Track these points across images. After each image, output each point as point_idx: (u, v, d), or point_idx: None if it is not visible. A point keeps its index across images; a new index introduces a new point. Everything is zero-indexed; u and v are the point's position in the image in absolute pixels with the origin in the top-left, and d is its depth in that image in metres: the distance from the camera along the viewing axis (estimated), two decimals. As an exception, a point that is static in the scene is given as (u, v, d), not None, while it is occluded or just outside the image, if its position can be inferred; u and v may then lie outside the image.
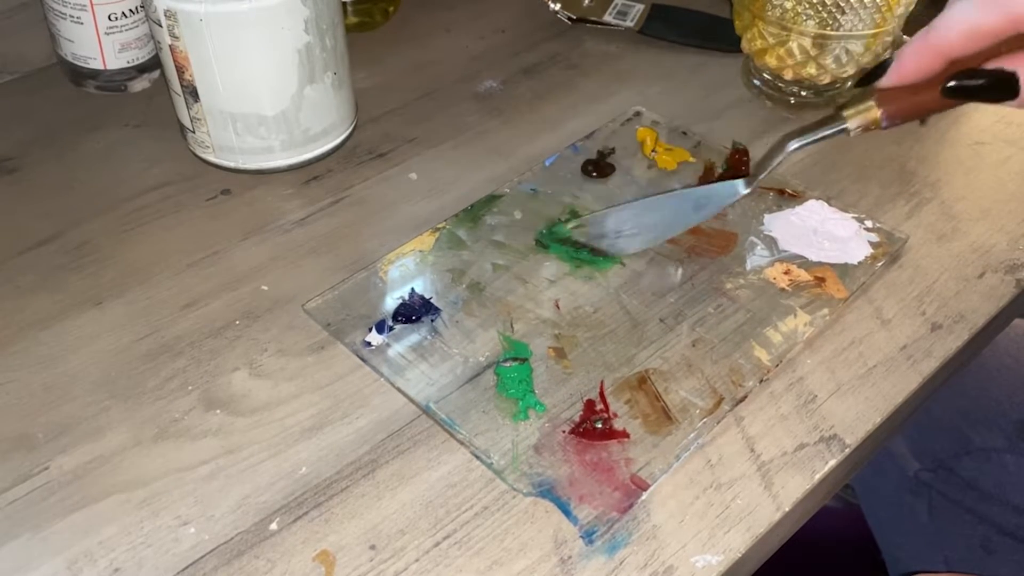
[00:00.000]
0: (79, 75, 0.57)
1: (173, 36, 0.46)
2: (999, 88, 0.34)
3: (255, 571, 0.34)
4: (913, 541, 0.58)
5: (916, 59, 0.36)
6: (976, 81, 0.35)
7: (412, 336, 0.42)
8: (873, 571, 0.33)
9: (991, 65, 0.34)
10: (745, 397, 0.39)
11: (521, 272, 0.45)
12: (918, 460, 0.59)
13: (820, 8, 0.50)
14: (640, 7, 0.63)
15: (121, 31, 0.55)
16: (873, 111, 0.37)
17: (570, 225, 0.46)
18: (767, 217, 0.48)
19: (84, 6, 0.53)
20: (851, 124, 0.38)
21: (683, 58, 0.60)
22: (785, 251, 0.46)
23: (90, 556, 0.34)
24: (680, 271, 0.45)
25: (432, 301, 0.43)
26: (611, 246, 0.45)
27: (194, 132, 0.50)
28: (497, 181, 0.50)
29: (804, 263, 0.45)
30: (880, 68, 0.37)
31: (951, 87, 0.35)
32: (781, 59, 0.53)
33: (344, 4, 0.58)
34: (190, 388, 0.40)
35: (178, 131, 0.52)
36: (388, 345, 0.41)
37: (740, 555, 0.34)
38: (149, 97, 0.57)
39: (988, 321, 0.43)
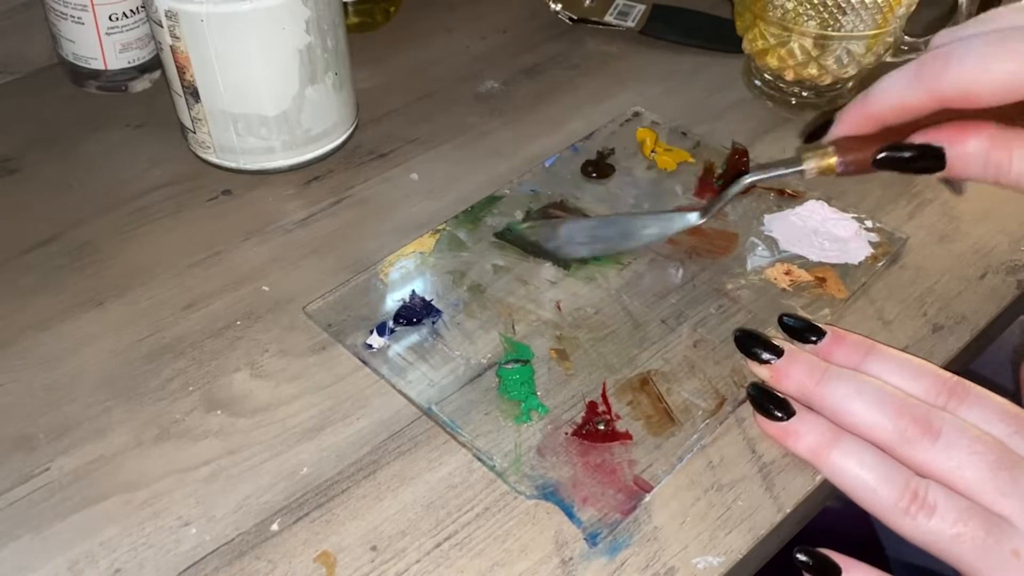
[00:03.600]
0: (80, 75, 0.57)
1: (174, 36, 0.46)
2: (927, 160, 0.35)
3: (256, 572, 0.34)
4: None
5: (854, 123, 0.37)
6: (904, 154, 0.36)
7: (413, 338, 0.42)
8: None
9: (919, 139, 0.35)
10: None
11: (522, 273, 0.45)
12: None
13: (821, 9, 0.50)
14: (641, 8, 0.63)
15: (122, 31, 0.55)
16: (829, 157, 0.38)
17: (525, 224, 0.47)
18: (767, 217, 0.48)
19: (85, 6, 0.53)
20: (807, 166, 0.39)
21: (684, 59, 0.60)
22: (786, 251, 0.46)
23: (91, 557, 0.34)
24: (681, 272, 0.45)
25: (433, 303, 0.43)
26: (557, 250, 0.45)
27: (195, 132, 0.50)
28: (498, 182, 0.50)
29: (805, 263, 0.45)
30: (823, 127, 0.39)
31: (880, 159, 0.37)
32: (782, 60, 0.53)
33: (345, 4, 0.58)
34: (191, 389, 0.40)
35: (179, 131, 0.52)
36: (389, 347, 0.41)
37: (741, 556, 0.34)
38: (150, 97, 0.57)
39: (990, 322, 0.43)
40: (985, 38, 0.32)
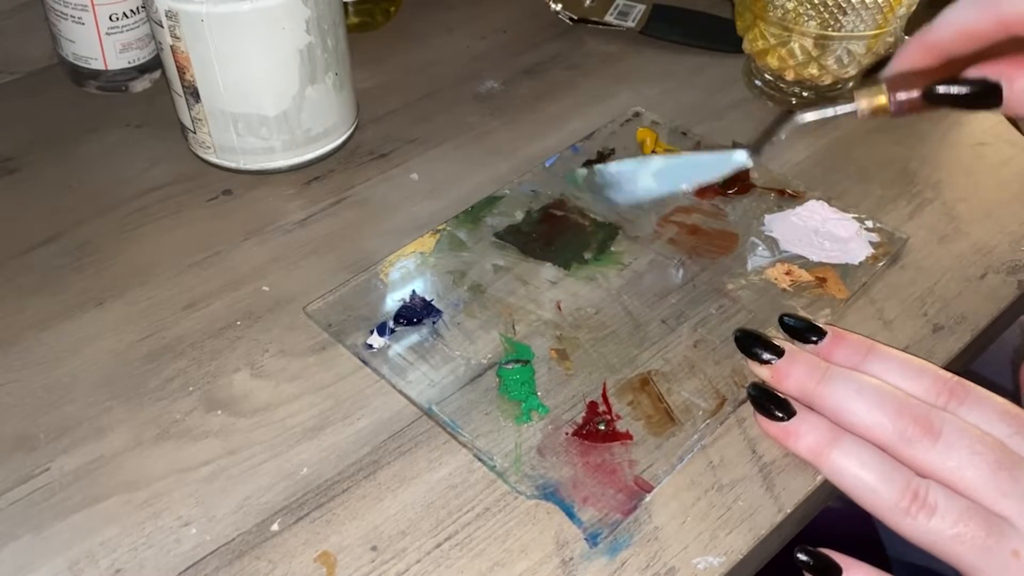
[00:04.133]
0: (80, 75, 0.57)
1: (174, 36, 0.46)
2: (984, 96, 0.34)
3: (256, 572, 0.34)
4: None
5: (914, 57, 0.37)
6: (961, 89, 0.34)
7: (413, 338, 0.42)
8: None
9: (976, 73, 0.34)
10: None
11: (522, 273, 0.45)
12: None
13: (822, 9, 0.50)
14: (641, 8, 0.63)
15: (122, 31, 0.55)
16: (882, 95, 0.37)
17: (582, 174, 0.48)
18: (768, 218, 0.48)
19: (85, 6, 0.53)
20: (861, 104, 0.37)
21: (684, 59, 0.60)
22: (786, 252, 0.46)
23: (91, 557, 0.34)
24: (681, 272, 0.45)
25: (433, 303, 0.43)
26: (610, 195, 0.45)
27: (195, 132, 0.50)
28: (498, 182, 0.50)
29: (805, 263, 0.45)
30: (881, 64, 0.39)
31: (936, 93, 0.35)
32: (783, 60, 0.53)
33: (345, 4, 0.58)
34: (191, 389, 0.40)
35: (179, 131, 0.52)
36: (389, 347, 0.41)
37: (742, 556, 0.34)
38: (150, 97, 0.57)
39: (990, 322, 0.43)
40: None
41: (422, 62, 0.61)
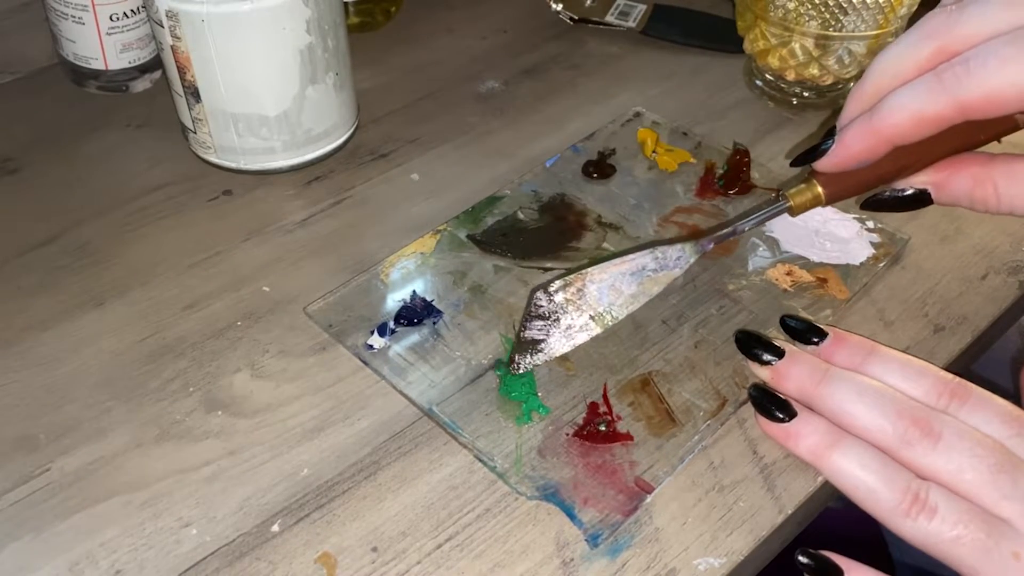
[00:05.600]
0: (80, 75, 0.57)
1: (175, 37, 0.46)
2: (914, 204, 0.38)
3: (257, 573, 0.34)
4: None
5: (860, 144, 0.35)
6: (891, 198, 0.38)
7: (414, 338, 0.42)
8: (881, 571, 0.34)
9: (901, 184, 0.37)
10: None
11: (523, 274, 0.45)
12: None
13: (823, 9, 0.50)
14: (642, 8, 0.63)
15: (123, 31, 0.55)
16: (815, 189, 0.38)
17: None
18: (769, 218, 0.47)
19: (85, 6, 0.53)
20: (794, 203, 0.39)
21: (685, 59, 0.60)
22: (787, 252, 0.46)
23: (92, 558, 0.34)
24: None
25: (434, 303, 0.43)
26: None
27: (196, 133, 0.50)
28: (499, 182, 0.50)
29: (806, 264, 0.45)
30: (817, 148, 0.37)
31: (872, 202, 0.38)
32: (783, 60, 0.53)
33: (346, 4, 0.58)
34: (192, 389, 0.40)
35: (180, 132, 0.52)
36: (390, 347, 0.41)
37: (743, 558, 0.34)
38: (151, 97, 0.57)
39: (991, 323, 0.43)
40: (1007, 38, 0.32)
41: (422, 62, 0.61)
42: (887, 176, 0.37)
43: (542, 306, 0.39)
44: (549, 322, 0.39)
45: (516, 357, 0.39)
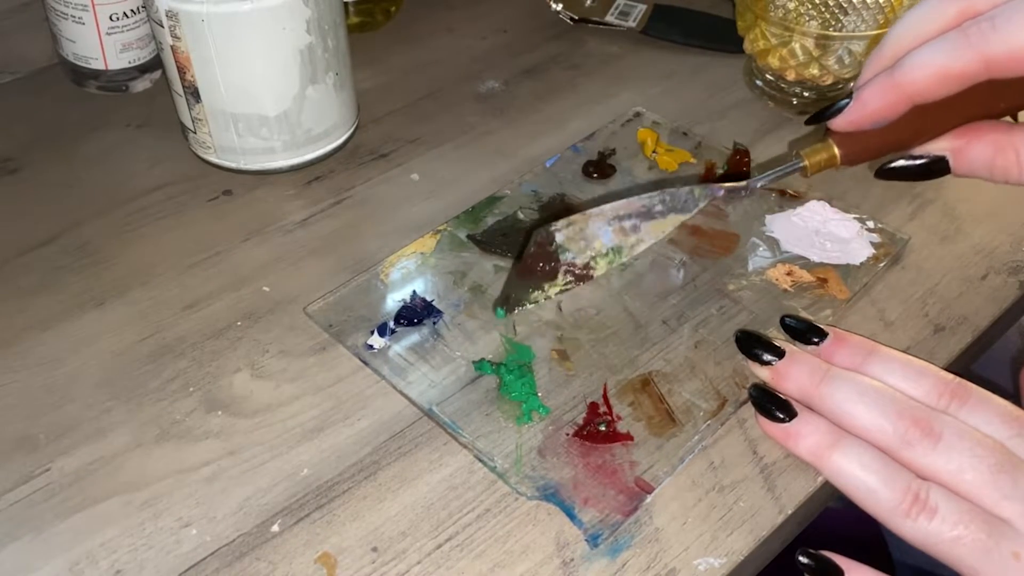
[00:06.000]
0: (80, 75, 0.57)
1: (175, 36, 0.46)
2: (932, 170, 0.36)
3: (256, 573, 0.34)
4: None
5: (880, 100, 0.35)
6: (909, 165, 0.36)
7: (414, 338, 0.42)
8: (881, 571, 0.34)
9: (919, 151, 0.36)
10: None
11: (523, 273, 0.45)
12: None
13: (823, 9, 0.50)
14: (642, 7, 0.63)
15: (122, 31, 0.55)
16: (831, 149, 0.37)
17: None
18: (768, 218, 0.47)
19: (85, 6, 0.53)
20: (808, 162, 0.37)
21: (685, 59, 0.60)
22: (787, 252, 0.46)
23: (92, 558, 0.34)
24: (682, 273, 0.45)
25: (434, 303, 0.43)
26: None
27: (195, 133, 0.50)
28: (499, 182, 0.50)
29: (806, 264, 0.45)
30: (833, 106, 0.36)
31: (887, 169, 0.37)
32: (784, 60, 0.53)
33: (346, 4, 0.58)
34: (192, 389, 0.40)
35: (180, 131, 0.52)
36: (390, 347, 0.41)
37: (743, 558, 0.34)
38: (151, 97, 0.57)
39: (991, 323, 0.43)
40: None
41: (422, 62, 0.61)
42: (904, 140, 0.36)
43: (542, 243, 0.37)
44: (548, 261, 0.37)
45: (511, 294, 0.37)
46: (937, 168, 0.36)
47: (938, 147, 0.36)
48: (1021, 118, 0.36)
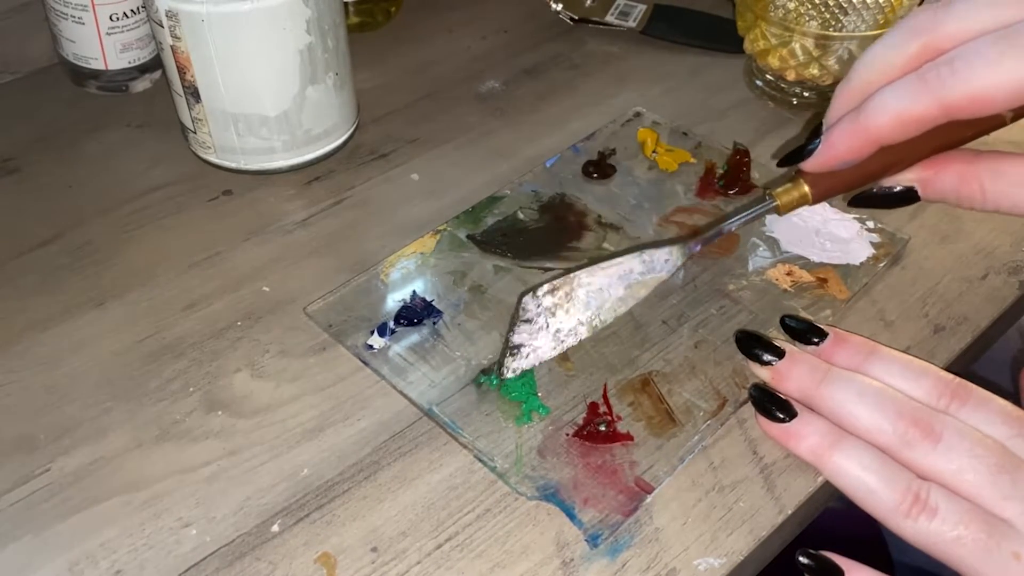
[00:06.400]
0: (80, 75, 0.57)
1: (175, 37, 0.46)
2: (901, 201, 0.37)
3: (256, 573, 0.34)
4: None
5: (847, 144, 0.35)
6: (880, 198, 0.38)
7: (414, 338, 0.42)
8: (881, 571, 0.34)
9: (888, 182, 0.37)
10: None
11: (523, 274, 0.45)
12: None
13: (823, 9, 0.50)
14: (642, 8, 0.63)
15: (122, 31, 0.55)
16: (802, 188, 0.38)
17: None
18: (768, 218, 0.47)
19: (85, 6, 0.53)
20: (780, 202, 0.38)
21: (685, 59, 0.60)
22: (787, 252, 0.46)
23: (92, 558, 0.34)
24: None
25: (434, 303, 0.43)
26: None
27: (195, 133, 0.50)
28: (499, 182, 0.50)
29: (806, 264, 0.45)
30: (803, 149, 0.37)
31: (860, 199, 0.38)
32: (784, 60, 0.53)
33: (346, 4, 0.58)
34: (191, 389, 0.40)
35: (179, 132, 0.52)
36: (390, 347, 0.41)
37: (743, 558, 0.34)
38: (151, 97, 0.57)
39: (991, 323, 0.43)
40: (991, 38, 0.32)
41: (423, 62, 0.61)
42: (874, 174, 0.37)
43: (529, 310, 0.39)
44: (537, 326, 0.39)
45: (504, 361, 0.39)
46: (907, 197, 0.37)
47: (907, 178, 0.37)
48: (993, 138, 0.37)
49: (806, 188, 0.38)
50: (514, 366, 0.39)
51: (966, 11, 0.33)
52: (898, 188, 0.37)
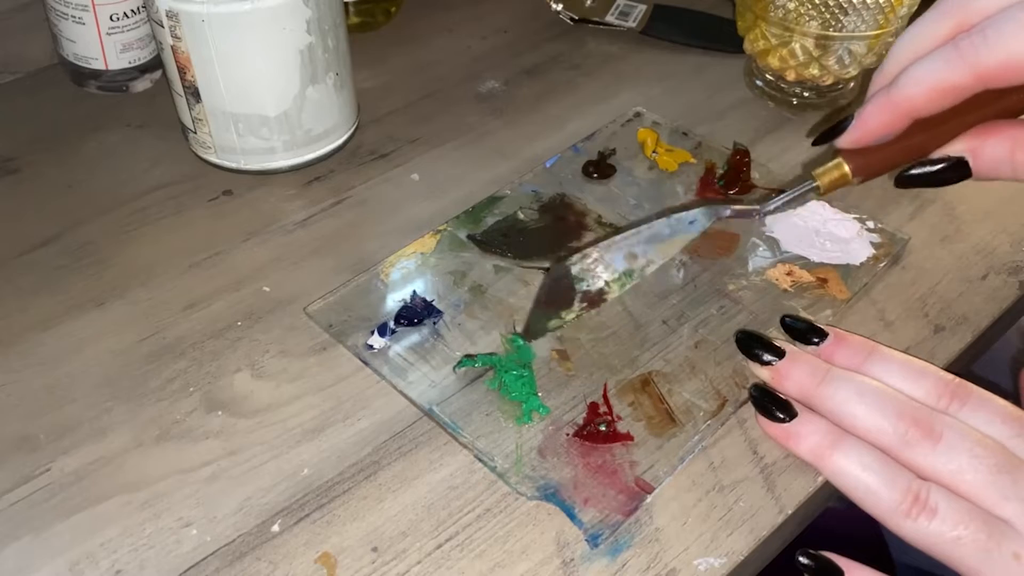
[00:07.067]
0: (81, 75, 0.57)
1: (175, 37, 0.46)
2: (952, 175, 0.35)
3: (257, 573, 0.34)
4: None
5: (879, 118, 0.35)
6: (929, 169, 0.35)
7: (414, 338, 0.42)
8: (881, 571, 0.34)
9: (938, 153, 0.35)
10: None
11: (523, 274, 0.45)
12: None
13: (823, 9, 0.50)
14: (642, 8, 0.63)
15: (123, 31, 0.55)
16: (842, 167, 0.37)
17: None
18: (769, 218, 0.47)
19: (86, 6, 0.53)
20: (821, 182, 0.37)
21: (685, 59, 0.60)
22: (787, 252, 0.46)
23: (92, 558, 0.34)
24: (682, 273, 0.45)
25: (434, 303, 0.43)
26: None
27: (196, 133, 0.50)
28: (499, 182, 0.50)
29: (806, 264, 0.45)
30: (838, 126, 0.36)
31: (906, 177, 0.36)
32: (784, 60, 0.53)
33: (346, 4, 0.58)
34: (192, 389, 0.40)
35: (180, 132, 0.52)
36: (390, 347, 0.41)
37: (743, 558, 0.34)
38: (151, 97, 0.57)
39: (991, 323, 0.43)
40: (1021, 5, 0.31)
41: (423, 62, 0.61)
42: (916, 149, 0.36)
43: (559, 277, 0.39)
44: (565, 292, 0.39)
45: (531, 326, 0.38)
46: (957, 171, 0.35)
47: (955, 149, 0.35)
48: None
49: (846, 167, 0.37)
50: (541, 329, 0.39)
51: None
52: (947, 161, 0.35)
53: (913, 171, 0.36)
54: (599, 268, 0.39)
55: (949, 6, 0.34)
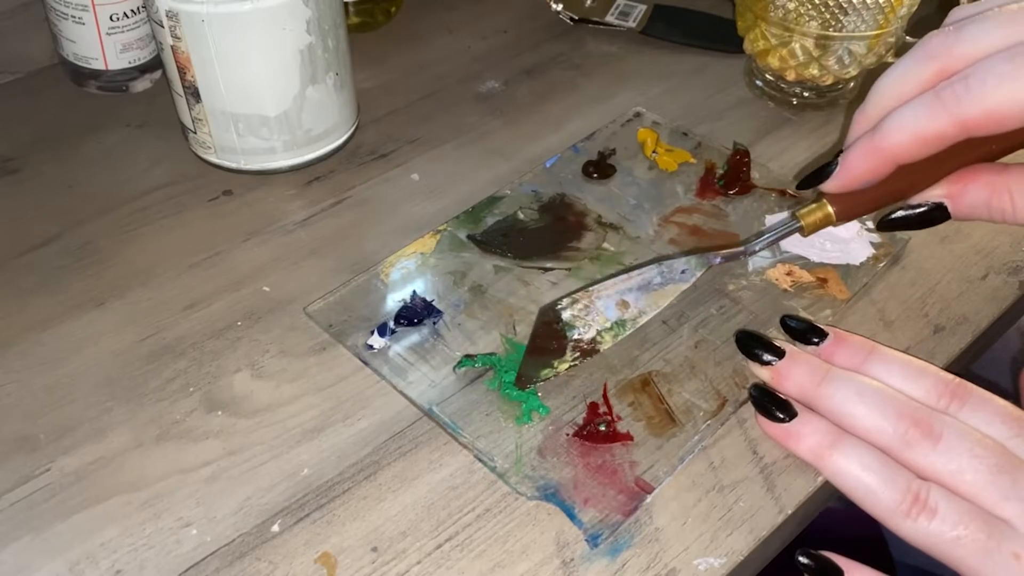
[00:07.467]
0: (81, 75, 0.57)
1: (175, 37, 0.46)
2: (932, 219, 0.37)
3: (257, 573, 0.34)
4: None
5: (863, 164, 0.36)
6: (909, 214, 0.37)
7: (414, 338, 0.42)
8: (881, 571, 0.34)
9: (917, 199, 0.36)
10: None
11: (523, 274, 0.45)
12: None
13: (823, 9, 0.50)
14: (642, 8, 0.63)
15: (123, 31, 0.55)
16: (825, 208, 0.38)
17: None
18: (769, 218, 0.47)
19: (86, 6, 0.53)
20: (805, 223, 0.38)
21: (685, 59, 0.60)
22: (787, 252, 0.46)
23: (92, 558, 0.34)
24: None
25: (434, 303, 0.43)
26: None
27: (196, 133, 0.50)
28: (499, 182, 0.50)
29: (806, 264, 0.45)
30: (823, 171, 0.37)
31: (888, 221, 0.38)
32: (783, 60, 0.53)
33: (346, 4, 0.58)
34: (192, 389, 0.40)
35: (180, 132, 0.52)
36: (390, 347, 0.41)
37: (743, 558, 0.34)
38: (151, 97, 0.57)
39: (991, 323, 0.43)
40: (1005, 55, 0.32)
41: (423, 62, 0.61)
42: (898, 193, 0.37)
43: (548, 322, 0.40)
44: (556, 339, 0.40)
45: (524, 373, 0.39)
46: (936, 215, 0.37)
47: (935, 194, 0.36)
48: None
49: (829, 209, 0.38)
50: (533, 378, 0.39)
51: (978, 32, 0.33)
52: (926, 205, 0.37)
53: (894, 216, 0.37)
54: (590, 316, 0.40)
55: (932, 49, 0.34)
